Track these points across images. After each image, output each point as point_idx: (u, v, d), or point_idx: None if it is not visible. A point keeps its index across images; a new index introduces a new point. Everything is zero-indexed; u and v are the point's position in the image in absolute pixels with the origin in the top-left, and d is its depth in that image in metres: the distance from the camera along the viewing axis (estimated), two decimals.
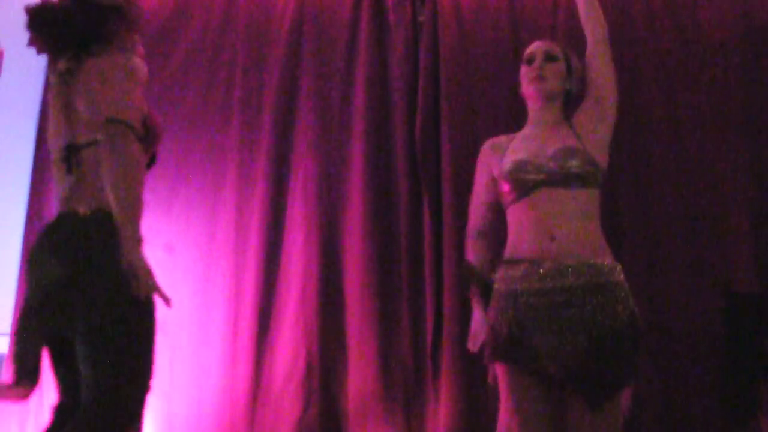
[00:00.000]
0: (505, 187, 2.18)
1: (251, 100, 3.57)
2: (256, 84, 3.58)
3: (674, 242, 3.25)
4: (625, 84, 3.35)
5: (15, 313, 3.32)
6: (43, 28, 1.99)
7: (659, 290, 3.18)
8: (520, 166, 2.14)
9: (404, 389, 3.25)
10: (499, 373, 2.09)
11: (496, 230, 2.27)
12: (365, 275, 3.33)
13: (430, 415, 3.21)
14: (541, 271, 2.02)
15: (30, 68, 3.60)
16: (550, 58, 2.22)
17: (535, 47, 2.27)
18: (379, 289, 3.33)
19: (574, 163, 2.08)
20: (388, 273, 3.35)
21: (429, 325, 3.27)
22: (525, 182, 2.11)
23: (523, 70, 2.26)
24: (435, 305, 3.27)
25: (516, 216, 2.15)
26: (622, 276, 2.05)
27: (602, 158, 2.14)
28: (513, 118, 3.39)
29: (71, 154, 1.91)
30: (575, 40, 3.42)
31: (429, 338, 3.26)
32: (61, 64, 1.94)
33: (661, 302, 3.15)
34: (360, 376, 3.25)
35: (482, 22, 3.55)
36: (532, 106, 2.27)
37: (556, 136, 2.17)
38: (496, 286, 2.13)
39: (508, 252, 2.15)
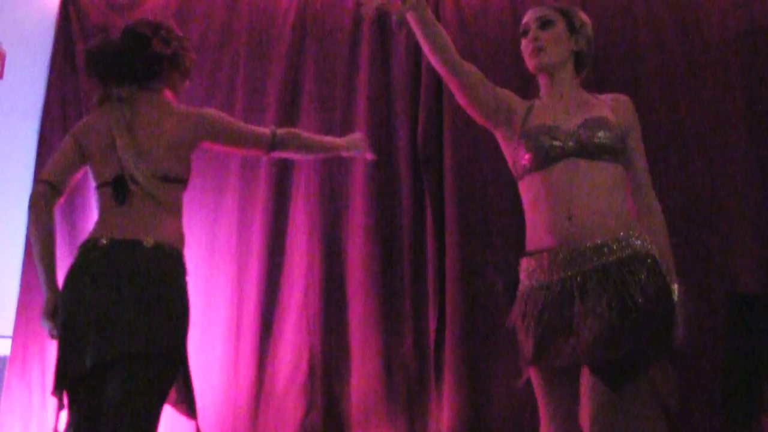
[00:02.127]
0: (524, 154, 1.97)
1: (253, 103, 3.57)
2: (259, 86, 3.59)
3: (676, 242, 3.24)
4: (626, 83, 3.37)
5: (17, 316, 3.32)
6: (101, 61, 2.13)
7: None
8: (546, 131, 1.95)
9: (407, 390, 3.25)
10: (532, 378, 1.94)
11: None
12: (367, 277, 3.33)
13: (433, 416, 3.21)
14: (559, 258, 1.85)
15: (32, 70, 3.61)
16: (544, 24, 2.06)
17: (528, 16, 2.12)
18: (382, 291, 3.33)
19: (606, 134, 1.92)
20: (390, 274, 3.36)
21: (431, 326, 3.27)
22: (550, 149, 1.92)
23: (522, 44, 2.12)
24: (437, 306, 3.27)
25: (531, 192, 1.96)
26: (652, 246, 1.88)
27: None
28: None
29: (126, 184, 2.01)
30: None
31: (431, 339, 3.26)
32: (119, 91, 2.10)
33: None
34: (363, 377, 3.25)
35: (484, 23, 3.55)
36: (541, 81, 2.11)
37: (585, 105, 2.01)
38: (521, 283, 1.97)
39: (528, 242, 1.97)
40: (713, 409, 3.01)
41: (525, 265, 1.96)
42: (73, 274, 1.99)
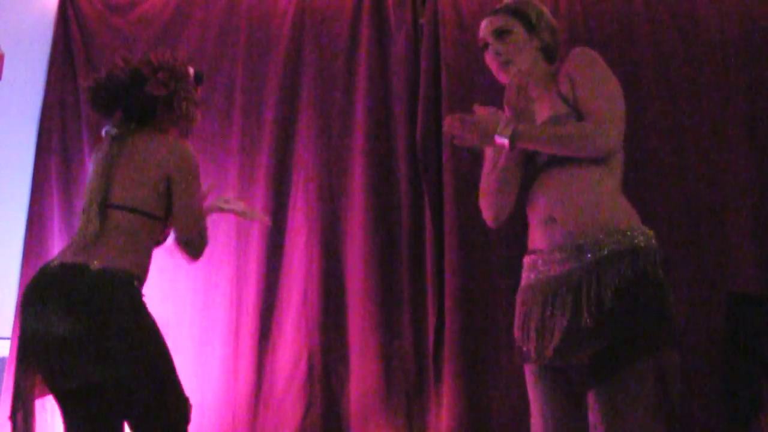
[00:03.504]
0: None
1: (252, 103, 3.57)
2: (257, 86, 3.59)
3: (676, 243, 3.25)
4: (625, 84, 3.35)
5: (16, 317, 3.32)
6: (99, 96, 2.18)
7: None
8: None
9: (406, 390, 3.25)
10: (525, 375, 1.94)
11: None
12: (367, 277, 3.33)
13: (432, 416, 3.21)
14: (544, 259, 1.85)
15: (30, 71, 3.61)
16: (501, 34, 2.01)
17: (483, 30, 2.06)
18: (381, 291, 3.33)
19: None
20: (389, 275, 3.36)
21: (430, 326, 3.27)
22: (528, 168, 1.93)
23: (486, 58, 2.08)
24: (436, 306, 3.27)
25: (526, 198, 1.97)
26: (637, 239, 1.79)
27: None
28: None
29: (101, 209, 2.03)
30: (576, 41, 3.45)
31: (430, 339, 3.26)
32: (113, 130, 2.13)
33: None
34: (362, 377, 3.25)
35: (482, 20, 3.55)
36: None
37: (551, 101, 1.95)
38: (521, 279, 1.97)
39: (528, 241, 1.98)
40: (713, 409, 3.01)
41: (525, 262, 1.96)
42: (26, 296, 2.01)
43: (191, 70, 2.27)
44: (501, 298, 3.22)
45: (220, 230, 3.43)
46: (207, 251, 3.34)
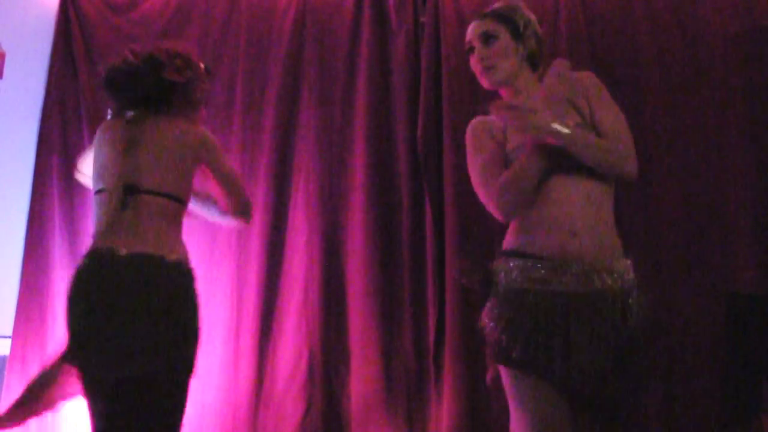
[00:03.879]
0: None
1: (253, 102, 3.57)
2: (258, 85, 3.59)
3: (676, 243, 3.25)
4: (625, 84, 3.36)
5: (17, 316, 3.32)
6: (116, 82, 2.17)
7: (662, 291, 3.17)
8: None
9: (406, 390, 3.25)
10: (506, 377, 1.89)
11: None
12: (367, 277, 3.33)
13: (432, 416, 3.22)
14: (568, 274, 1.81)
15: (31, 71, 3.61)
16: (487, 39, 2.00)
17: (470, 33, 2.05)
18: (381, 291, 3.33)
19: None
20: (390, 274, 3.36)
21: (431, 326, 3.27)
22: None
23: (471, 62, 2.07)
24: (437, 306, 3.27)
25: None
26: (632, 273, 1.89)
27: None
28: None
29: (128, 194, 2.04)
30: (577, 41, 3.45)
31: (431, 339, 3.26)
32: (129, 114, 2.14)
33: (663, 303, 3.15)
34: (362, 377, 3.25)
35: None
36: (502, 93, 2.08)
37: (552, 109, 1.90)
38: (503, 279, 1.90)
39: (519, 243, 1.91)
40: (713, 409, 3.01)
41: (516, 264, 1.89)
42: (87, 283, 2.00)
43: (201, 64, 2.30)
44: None
45: (220, 229, 3.44)
46: (207, 250, 3.40)
